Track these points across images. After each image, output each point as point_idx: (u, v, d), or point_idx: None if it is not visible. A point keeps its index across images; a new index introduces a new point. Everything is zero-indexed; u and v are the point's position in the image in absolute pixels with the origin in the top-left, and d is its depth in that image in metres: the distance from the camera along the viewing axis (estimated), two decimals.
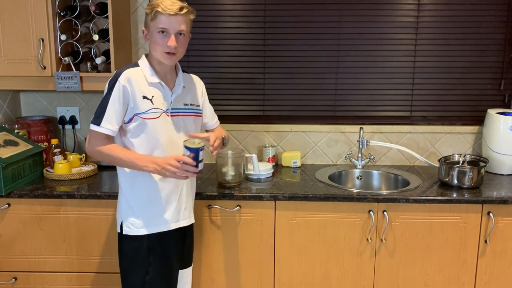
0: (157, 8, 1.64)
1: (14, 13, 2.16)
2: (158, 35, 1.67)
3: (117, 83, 1.68)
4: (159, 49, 1.68)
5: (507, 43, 2.56)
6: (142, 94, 1.71)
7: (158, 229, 1.79)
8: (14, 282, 2.15)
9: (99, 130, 1.69)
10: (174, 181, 1.79)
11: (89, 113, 2.63)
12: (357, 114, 2.67)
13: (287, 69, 2.63)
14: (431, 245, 2.10)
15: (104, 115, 1.68)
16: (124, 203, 1.79)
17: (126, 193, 1.79)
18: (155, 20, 1.66)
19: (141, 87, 1.71)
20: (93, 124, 1.70)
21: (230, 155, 2.16)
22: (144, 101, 1.71)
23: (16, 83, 2.26)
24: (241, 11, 2.58)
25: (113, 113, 1.69)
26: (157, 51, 1.70)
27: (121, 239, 1.81)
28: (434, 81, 2.62)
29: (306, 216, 2.09)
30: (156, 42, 1.68)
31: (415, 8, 2.55)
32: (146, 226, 1.77)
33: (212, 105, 2.06)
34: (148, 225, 1.77)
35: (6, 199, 2.07)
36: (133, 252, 1.78)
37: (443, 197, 2.04)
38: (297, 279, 2.15)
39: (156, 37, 1.68)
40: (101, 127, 1.69)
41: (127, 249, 1.79)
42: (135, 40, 2.56)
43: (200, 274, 2.15)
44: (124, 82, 1.68)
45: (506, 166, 2.41)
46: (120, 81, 1.68)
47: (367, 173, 2.51)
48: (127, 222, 1.77)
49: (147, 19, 1.71)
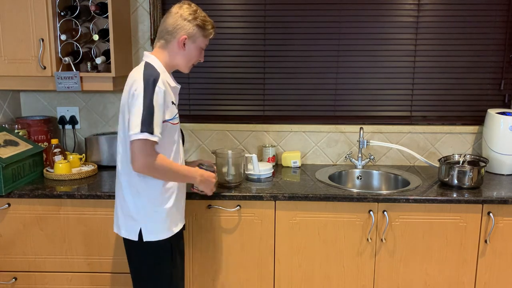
0: (211, 29, 1.75)
1: (14, 13, 2.16)
2: (198, 50, 1.75)
3: (157, 87, 1.59)
4: (191, 61, 1.77)
5: (507, 43, 2.57)
6: (171, 100, 1.69)
7: (179, 228, 1.79)
8: (14, 282, 2.16)
9: (153, 138, 1.56)
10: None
11: (89, 113, 2.64)
12: (357, 114, 2.67)
13: (287, 69, 2.63)
14: (431, 245, 2.10)
15: (153, 122, 1.56)
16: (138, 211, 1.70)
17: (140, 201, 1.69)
18: (206, 38, 1.75)
19: (170, 92, 1.68)
20: (146, 133, 1.55)
21: (230, 155, 2.15)
22: (173, 106, 1.69)
23: (16, 83, 2.26)
24: (241, 11, 2.58)
25: (159, 119, 1.59)
26: (185, 63, 1.75)
27: (138, 247, 1.72)
28: (434, 81, 2.62)
29: (306, 216, 2.09)
30: (193, 55, 1.74)
31: (415, 8, 2.55)
32: (171, 227, 1.75)
33: (212, 105, 2.07)
34: (173, 226, 1.75)
35: (6, 199, 2.07)
36: (158, 257, 1.72)
37: (443, 197, 2.04)
38: (297, 279, 2.15)
39: (196, 51, 1.74)
40: (155, 135, 1.57)
41: (151, 256, 1.72)
42: (135, 40, 2.56)
43: (200, 274, 2.15)
44: (163, 87, 1.61)
45: (506, 166, 2.41)
46: (160, 86, 1.60)
47: (367, 173, 2.51)
48: (150, 228, 1.69)
49: (195, 32, 1.71)
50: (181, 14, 1.69)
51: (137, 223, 1.71)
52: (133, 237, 1.71)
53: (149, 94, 1.57)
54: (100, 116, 2.65)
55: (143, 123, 1.55)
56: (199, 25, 1.70)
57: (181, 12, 1.69)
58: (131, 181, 1.70)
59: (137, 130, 1.55)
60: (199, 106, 2.67)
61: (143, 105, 1.56)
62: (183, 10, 1.70)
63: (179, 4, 1.73)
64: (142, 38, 2.56)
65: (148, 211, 1.70)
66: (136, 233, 1.70)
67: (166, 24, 1.71)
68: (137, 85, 1.59)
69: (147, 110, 1.56)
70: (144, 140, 1.56)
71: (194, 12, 1.70)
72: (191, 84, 2.64)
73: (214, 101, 2.67)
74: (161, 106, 1.60)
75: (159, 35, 1.74)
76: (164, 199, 1.72)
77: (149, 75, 1.60)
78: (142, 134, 1.55)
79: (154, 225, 1.71)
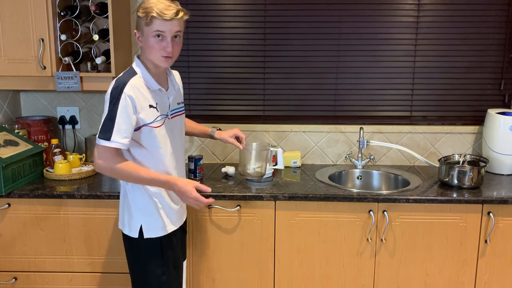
0: (152, 13, 1.59)
1: (14, 13, 2.16)
2: (154, 39, 1.63)
3: (123, 94, 1.60)
4: (156, 53, 1.65)
5: (507, 43, 2.56)
6: (148, 103, 1.67)
7: (172, 229, 1.81)
8: (14, 282, 2.15)
9: (110, 145, 1.60)
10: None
11: (89, 113, 2.64)
12: (357, 114, 2.67)
13: (287, 69, 2.63)
14: (431, 245, 2.10)
15: (113, 129, 1.59)
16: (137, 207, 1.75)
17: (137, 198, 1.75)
18: (151, 24, 1.61)
19: (146, 96, 1.67)
20: (102, 139, 1.60)
21: (255, 148, 2.10)
22: (151, 110, 1.68)
23: (16, 83, 2.26)
24: (241, 11, 2.57)
25: (123, 125, 1.61)
26: (153, 55, 1.66)
27: (135, 243, 1.77)
28: (434, 81, 2.62)
29: (306, 216, 2.09)
30: (152, 46, 1.64)
31: (415, 8, 2.55)
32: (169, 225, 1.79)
33: (212, 105, 2.07)
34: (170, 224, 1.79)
35: (6, 199, 2.07)
36: (150, 254, 1.77)
37: (443, 197, 2.04)
38: (297, 279, 2.15)
39: (152, 41, 1.63)
40: (112, 141, 1.60)
41: (144, 252, 1.77)
42: (135, 40, 2.55)
43: (200, 274, 2.15)
44: (130, 93, 1.61)
45: (506, 166, 2.41)
46: (126, 92, 1.61)
47: (367, 173, 2.51)
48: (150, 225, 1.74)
49: (140, 22, 1.64)
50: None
51: (137, 221, 1.74)
52: (134, 234, 1.75)
53: (113, 101, 1.61)
54: (100, 116, 2.62)
55: (101, 130, 1.62)
56: (139, 16, 1.64)
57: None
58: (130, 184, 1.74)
59: (98, 136, 1.63)
60: (199, 106, 2.67)
61: (107, 112, 1.62)
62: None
63: None
64: None
65: (147, 208, 1.74)
66: (137, 230, 1.74)
67: None
68: (107, 91, 1.64)
69: (108, 117, 1.61)
70: (100, 146, 1.62)
71: (141, 4, 1.67)
72: (191, 84, 2.64)
73: (214, 101, 2.67)
74: (126, 112, 1.61)
75: None
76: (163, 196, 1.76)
77: (118, 81, 1.64)
78: (99, 140, 1.62)
79: (154, 222, 1.75)
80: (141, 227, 1.74)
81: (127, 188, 1.76)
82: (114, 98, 1.61)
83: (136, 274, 1.82)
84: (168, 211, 1.79)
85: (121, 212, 1.82)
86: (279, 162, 2.32)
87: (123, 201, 1.80)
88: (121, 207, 1.82)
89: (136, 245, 1.78)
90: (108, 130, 1.60)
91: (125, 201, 1.79)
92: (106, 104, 1.63)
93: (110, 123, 1.60)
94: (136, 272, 1.82)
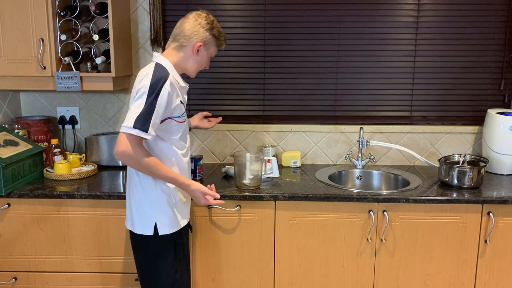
0: (223, 41, 1.85)
1: (14, 13, 2.16)
2: (208, 58, 1.85)
3: (163, 89, 1.64)
4: (199, 67, 1.84)
5: (507, 43, 2.57)
6: (179, 99, 1.75)
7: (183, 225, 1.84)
8: (14, 282, 2.16)
9: (146, 136, 1.62)
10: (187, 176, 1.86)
11: (89, 113, 2.64)
12: (357, 114, 2.67)
13: (287, 69, 2.63)
14: (431, 245, 2.10)
15: (151, 121, 1.62)
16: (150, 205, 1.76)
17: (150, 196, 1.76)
18: (217, 48, 1.84)
19: (178, 92, 1.75)
20: (138, 130, 1.60)
21: (249, 159, 2.13)
22: (181, 105, 1.76)
23: (16, 83, 2.26)
24: (241, 11, 2.58)
25: (157, 119, 1.65)
26: (195, 67, 1.82)
27: (148, 241, 1.77)
28: (434, 81, 2.62)
29: (306, 216, 2.09)
30: (203, 61, 1.83)
31: (415, 8, 2.55)
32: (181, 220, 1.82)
33: (212, 105, 2.08)
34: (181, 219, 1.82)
35: (6, 199, 2.07)
36: (164, 251, 1.78)
37: (443, 197, 2.04)
38: (297, 279, 2.15)
39: (206, 59, 1.84)
40: (149, 133, 1.62)
41: (158, 250, 1.78)
42: (135, 40, 2.56)
43: (200, 274, 2.16)
44: (169, 88, 1.67)
45: (506, 166, 2.41)
46: (166, 87, 1.65)
47: (367, 173, 2.51)
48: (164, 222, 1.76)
49: (210, 41, 1.79)
50: (200, 22, 1.77)
51: (152, 218, 1.76)
52: (148, 232, 1.76)
53: (154, 94, 1.62)
54: (100, 116, 2.65)
55: (138, 119, 1.60)
56: (214, 35, 1.79)
57: (200, 20, 1.77)
58: (142, 176, 1.76)
59: (130, 124, 1.60)
60: (199, 106, 2.67)
61: (145, 103, 1.61)
62: (201, 18, 1.78)
63: (197, 12, 1.80)
64: (142, 38, 2.56)
65: (161, 204, 1.76)
66: (152, 227, 1.75)
67: (183, 28, 1.77)
68: (144, 83, 1.64)
69: (147, 108, 1.61)
70: (132, 135, 1.61)
71: (211, 22, 1.79)
72: (191, 84, 2.63)
73: (214, 101, 2.67)
74: (164, 107, 1.65)
75: (174, 37, 1.79)
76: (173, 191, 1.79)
77: (158, 76, 1.66)
78: (133, 129, 1.60)
79: (168, 218, 1.77)
80: (156, 224, 1.75)
81: (142, 185, 1.75)
82: (154, 91, 1.62)
83: (147, 274, 1.81)
84: (180, 205, 1.82)
85: (131, 211, 1.80)
86: (274, 171, 2.34)
87: (133, 200, 1.78)
88: (131, 206, 1.80)
89: (149, 243, 1.77)
90: (146, 121, 1.61)
91: (136, 199, 1.78)
92: (144, 96, 1.62)
93: (148, 115, 1.61)
94: (147, 272, 1.81)
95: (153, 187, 1.75)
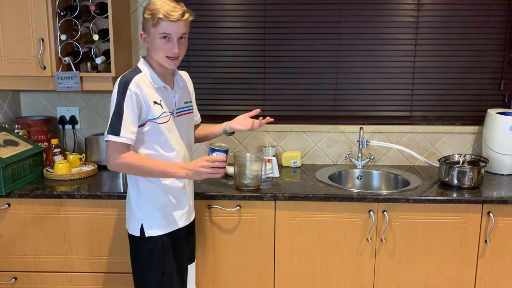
0: (159, 14, 1.62)
1: (14, 13, 2.16)
2: (160, 40, 1.66)
3: (128, 91, 1.64)
4: (162, 54, 1.68)
5: (507, 43, 2.56)
6: (152, 100, 1.71)
7: (174, 228, 1.82)
8: (14, 282, 2.16)
9: (120, 140, 1.64)
10: (184, 181, 1.83)
11: (89, 113, 2.64)
12: (357, 114, 2.67)
13: (287, 69, 2.63)
14: (431, 245, 2.10)
15: (121, 124, 1.64)
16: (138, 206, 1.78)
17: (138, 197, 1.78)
18: (157, 26, 1.64)
19: (150, 93, 1.71)
20: (112, 135, 1.64)
21: (249, 159, 2.13)
22: (156, 106, 1.72)
23: (16, 83, 2.26)
24: (241, 11, 2.57)
25: (130, 121, 1.65)
26: (159, 56, 1.69)
27: (137, 241, 1.79)
28: (434, 81, 2.62)
29: (306, 216, 2.09)
30: (158, 47, 1.67)
31: (415, 8, 2.55)
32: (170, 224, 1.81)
33: (212, 105, 2.07)
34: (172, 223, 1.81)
35: (6, 199, 2.07)
36: (150, 253, 1.78)
37: (443, 197, 2.04)
38: (297, 279, 2.15)
39: (158, 42, 1.67)
40: (121, 137, 1.64)
41: (144, 251, 1.78)
42: (135, 40, 2.56)
43: (200, 274, 2.15)
44: (135, 89, 1.66)
45: (506, 166, 2.41)
46: (131, 88, 1.65)
47: (367, 173, 2.51)
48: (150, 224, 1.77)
49: (146, 24, 1.67)
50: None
51: (137, 219, 1.77)
52: (135, 233, 1.78)
53: (119, 97, 1.66)
54: (100, 116, 2.65)
55: (110, 126, 1.66)
56: (146, 18, 1.67)
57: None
58: (134, 178, 1.77)
59: (106, 132, 1.67)
60: (199, 106, 2.64)
61: (114, 108, 1.66)
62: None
63: None
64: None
65: (149, 207, 1.77)
66: (138, 228, 1.77)
67: None
68: (114, 89, 1.69)
69: (116, 112, 1.65)
70: (112, 141, 1.65)
71: (147, 5, 1.68)
72: None
73: (214, 101, 2.67)
74: (132, 108, 1.65)
75: None
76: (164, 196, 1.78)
77: (124, 78, 1.68)
78: (108, 136, 1.66)
79: (155, 221, 1.77)
80: (142, 226, 1.76)
81: (134, 186, 1.78)
82: (119, 95, 1.66)
83: (136, 274, 1.84)
84: (169, 208, 1.80)
85: (126, 211, 1.85)
86: (274, 171, 2.33)
87: (127, 200, 1.83)
88: (126, 207, 1.85)
89: (137, 244, 1.80)
90: (116, 125, 1.65)
91: (128, 200, 1.82)
92: (113, 101, 1.67)
93: (117, 118, 1.65)
94: (136, 272, 1.83)
95: (142, 188, 1.76)
